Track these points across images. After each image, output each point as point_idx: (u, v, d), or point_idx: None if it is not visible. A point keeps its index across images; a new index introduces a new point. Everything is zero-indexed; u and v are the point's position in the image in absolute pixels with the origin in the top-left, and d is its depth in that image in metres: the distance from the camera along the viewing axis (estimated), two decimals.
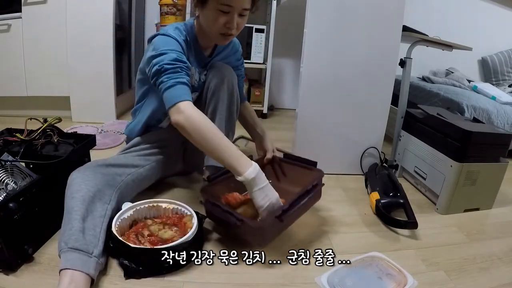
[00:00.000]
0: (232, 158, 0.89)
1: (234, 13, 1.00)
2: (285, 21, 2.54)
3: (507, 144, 1.32)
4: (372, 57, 1.48)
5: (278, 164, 1.28)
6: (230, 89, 1.16)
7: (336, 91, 1.51)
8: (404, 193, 1.28)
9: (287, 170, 1.27)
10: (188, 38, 1.10)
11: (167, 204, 1.05)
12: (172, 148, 1.29)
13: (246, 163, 0.89)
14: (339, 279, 0.81)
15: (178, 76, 0.96)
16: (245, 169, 0.88)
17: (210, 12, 1.01)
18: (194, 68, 1.14)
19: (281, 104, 2.93)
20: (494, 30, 2.79)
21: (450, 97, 1.98)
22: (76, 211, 0.84)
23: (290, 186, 1.16)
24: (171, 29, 1.06)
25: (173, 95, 0.94)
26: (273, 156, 1.27)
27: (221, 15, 1.00)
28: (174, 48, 1.00)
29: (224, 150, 0.89)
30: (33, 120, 1.10)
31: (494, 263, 1.04)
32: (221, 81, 1.14)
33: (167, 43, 1.01)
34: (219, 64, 1.20)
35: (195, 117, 0.91)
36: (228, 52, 1.29)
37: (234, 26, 1.03)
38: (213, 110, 1.17)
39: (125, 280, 0.84)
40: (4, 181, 0.90)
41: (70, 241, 0.79)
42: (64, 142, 1.11)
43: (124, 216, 0.98)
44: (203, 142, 0.90)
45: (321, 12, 1.41)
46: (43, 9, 1.88)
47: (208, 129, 0.90)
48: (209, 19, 1.03)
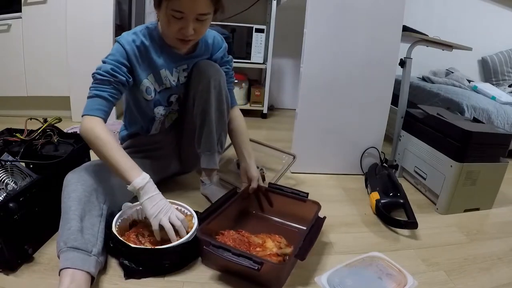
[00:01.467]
0: (123, 168, 0.89)
1: (188, 19, 0.93)
2: (285, 21, 2.54)
3: (507, 144, 1.32)
4: (372, 57, 1.48)
5: (263, 194, 1.18)
6: (217, 88, 1.11)
7: (336, 91, 1.51)
8: (404, 193, 1.28)
9: (275, 200, 1.17)
10: (148, 41, 1.04)
11: (180, 207, 1.04)
12: (165, 150, 1.28)
13: (136, 173, 0.89)
14: (339, 279, 0.81)
15: (102, 89, 0.95)
16: (133, 178, 0.88)
17: (164, 17, 0.94)
18: (165, 70, 1.09)
19: (281, 104, 2.93)
20: (494, 30, 2.80)
21: (450, 97, 1.98)
22: (73, 211, 0.84)
23: (278, 217, 1.14)
24: (128, 35, 1.02)
25: (87, 107, 0.94)
26: (259, 186, 1.17)
27: (174, 20, 0.93)
28: (116, 59, 0.98)
29: (117, 161, 0.89)
30: (33, 120, 1.10)
31: (494, 263, 1.04)
32: (207, 81, 1.10)
33: (113, 52, 1.00)
34: (203, 63, 1.13)
35: (93, 131, 0.90)
36: (212, 51, 1.18)
37: (189, 32, 0.95)
38: (202, 112, 1.13)
39: (125, 280, 0.84)
40: (4, 181, 0.90)
41: (69, 240, 0.79)
42: (64, 142, 1.11)
43: (124, 216, 0.98)
44: (98, 154, 0.91)
45: (321, 12, 1.41)
46: (43, 9, 1.88)
47: (103, 142, 0.89)
48: (163, 23, 0.97)
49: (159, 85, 1.11)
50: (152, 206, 0.88)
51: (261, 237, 0.99)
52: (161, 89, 1.12)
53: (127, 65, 1.00)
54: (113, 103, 0.97)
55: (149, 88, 1.08)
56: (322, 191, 1.45)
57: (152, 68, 1.07)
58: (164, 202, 0.91)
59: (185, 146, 1.30)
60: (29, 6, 1.87)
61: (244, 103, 2.54)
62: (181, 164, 1.36)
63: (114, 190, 0.98)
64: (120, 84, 0.98)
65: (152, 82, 1.08)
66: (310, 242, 0.89)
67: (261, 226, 1.08)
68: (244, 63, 2.40)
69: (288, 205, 1.13)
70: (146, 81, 1.07)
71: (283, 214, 1.15)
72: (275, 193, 1.16)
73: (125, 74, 0.99)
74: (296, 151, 1.49)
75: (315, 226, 0.98)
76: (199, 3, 0.91)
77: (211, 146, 1.18)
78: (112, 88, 0.96)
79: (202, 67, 1.12)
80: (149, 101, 1.11)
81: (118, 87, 0.97)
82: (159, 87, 1.11)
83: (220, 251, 0.82)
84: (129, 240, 0.90)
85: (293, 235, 1.03)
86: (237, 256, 0.81)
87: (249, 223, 1.12)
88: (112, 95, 0.96)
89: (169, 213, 0.90)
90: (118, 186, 0.98)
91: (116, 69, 0.97)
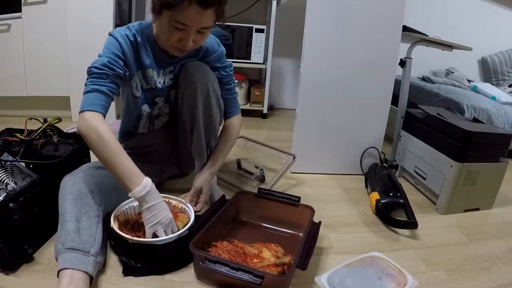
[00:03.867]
0: (123, 175, 0.86)
1: (190, 31, 0.90)
2: (285, 21, 2.54)
3: (507, 144, 1.32)
4: (372, 57, 1.48)
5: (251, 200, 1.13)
6: (204, 93, 1.06)
7: (336, 91, 1.51)
8: (404, 193, 1.28)
9: (265, 206, 1.12)
10: (140, 37, 1.01)
11: (177, 202, 1.06)
12: (161, 153, 1.26)
13: (137, 181, 0.86)
14: (339, 279, 0.81)
15: (99, 83, 0.90)
16: (134, 187, 0.85)
17: (164, 25, 0.90)
18: (152, 70, 1.06)
19: (281, 104, 2.93)
20: (494, 30, 2.80)
21: (450, 97, 1.98)
22: (69, 213, 0.84)
23: (270, 224, 1.10)
24: (121, 29, 0.99)
25: (85, 102, 0.89)
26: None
27: (175, 31, 0.90)
28: (112, 51, 0.94)
29: (116, 167, 0.86)
30: (33, 120, 1.10)
31: (494, 263, 1.04)
32: (194, 86, 1.05)
33: (108, 45, 0.96)
34: (191, 65, 1.07)
35: (96, 130, 0.85)
36: (205, 53, 1.11)
37: (189, 44, 0.92)
38: (191, 117, 1.10)
39: (123, 277, 0.85)
40: (4, 181, 0.90)
41: (66, 241, 0.79)
42: (64, 142, 1.11)
43: (133, 204, 0.99)
44: (99, 155, 0.87)
45: (321, 12, 1.41)
46: (43, 9, 1.88)
47: (106, 143, 0.85)
48: (163, 31, 0.92)
49: (146, 83, 1.08)
50: (151, 216, 0.87)
51: (257, 247, 0.93)
52: (147, 88, 1.09)
53: (122, 58, 0.97)
54: (112, 98, 0.93)
55: (138, 84, 1.06)
56: (322, 191, 1.45)
57: (140, 65, 1.04)
58: (163, 213, 0.88)
59: (181, 149, 1.28)
60: (29, 6, 1.87)
61: (244, 103, 2.54)
62: (178, 166, 1.35)
63: (110, 192, 0.97)
64: (118, 78, 0.94)
65: (140, 79, 1.06)
66: (309, 250, 0.87)
67: (254, 234, 1.05)
68: (244, 63, 2.40)
69: (280, 211, 1.09)
70: (136, 77, 1.05)
71: (275, 221, 1.10)
72: (266, 199, 1.11)
73: (122, 67, 0.95)
74: (296, 151, 1.49)
75: (312, 232, 0.95)
76: (205, 17, 0.88)
77: (201, 151, 1.15)
78: (110, 82, 0.92)
79: (190, 70, 1.06)
80: (137, 98, 1.08)
81: (116, 80, 0.93)
82: (146, 85, 1.08)
83: (218, 266, 0.78)
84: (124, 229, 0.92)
85: (288, 242, 1.00)
86: (235, 270, 0.77)
87: (241, 231, 1.08)
88: (111, 89, 0.92)
89: (165, 226, 0.88)
90: (114, 187, 0.97)
91: (113, 62, 0.93)
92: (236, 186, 1.37)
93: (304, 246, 0.87)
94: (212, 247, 0.91)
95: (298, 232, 1.06)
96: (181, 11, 0.84)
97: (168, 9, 0.86)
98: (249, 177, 1.42)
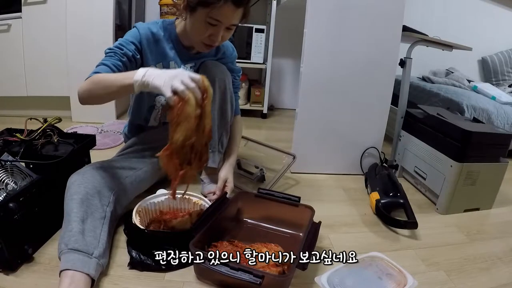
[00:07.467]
0: (122, 77, 0.86)
1: (221, 27, 0.98)
2: (285, 21, 2.53)
3: (507, 144, 1.32)
4: (372, 57, 1.48)
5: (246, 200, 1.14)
6: (221, 87, 1.14)
7: (336, 91, 1.51)
8: (404, 193, 1.28)
9: (265, 206, 1.11)
10: (162, 33, 1.10)
11: (197, 199, 1.09)
12: None
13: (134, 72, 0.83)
14: (339, 279, 0.81)
15: (106, 59, 0.98)
16: (132, 76, 0.82)
17: (197, 22, 0.99)
18: (174, 62, 1.13)
19: (281, 104, 2.93)
20: (494, 30, 2.80)
21: (450, 97, 1.98)
22: (75, 213, 0.84)
23: (270, 224, 1.09)
24: (145, 23, 1.09)
25: (90, 74, 0.93)
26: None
27: (208, 27, 0.98)
28: (127, 38, 1.04)
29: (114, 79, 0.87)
30: (33, 120, 1.10)
31: (494, 263, 1.04)
32: (212, 80, 1.08)
33: (127, 34, 1.06)
34: (210, 63, 1.17)
35: (92, 78, 0.89)
36: (222, 55, 1.24)
37: (218, 40, 1.01)
38: None
39: (128, 269, 0.87)
40: (4, 181, 0.90)
41: (70, 242, 0.79)
42: (64, 142, 1.11)
43: (154, 200, 1.04)
44: (99, 91, 0.89)
45: (321, 12, 1.41)
46: (43, 9, 1.88)
47: (100, 76, 0.90)
48: (195, 27, 1.01)
49: None
50: (159, 77, 0.79)
51: (257, 247, 0.93)
52: None
53: (137, 46, 1.05)
54: (113, 72, 0.96)
55: None
56: (322, 191, 1.45)
57: (163, 58, 1.11)
58: (171, 71, 0.82)
59: None
60: (29, 6, 1.87)
61: (244, 103, 2.54)
62: None
63: (118, 192, 0.97)
64: (125, 57, 1.00)
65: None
66: (309, 250, 0.86)
67: (254, 234, 1.05)
68: (244, 63, 2.40)
69: (280, 211, 1.09)
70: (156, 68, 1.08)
71: (275, 221, 1.10)
72: (266, 199, 1.11)
73: (132, 50, 1.03)
74: (296, 151, 1.49)
75: (312, 232, 0.95)
76: (236, 15, 0.97)
77: (214, 145, 1.19)
78: (117, 59, 0.98)
79: (209, 67, 1.15)
80: None
81: (123, 59, 1.00)
82: None
83: (218, 266, 0.79)
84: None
85: (288, 242, 1.00)
86: (235, 270, 0.77)
87: (241, 231, 1.08)
88: (115, 65, 0.98)
89: (179, 76, 0.79)
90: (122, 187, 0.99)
91: (124, 44, 1.02)
92: (236, 186, 1.37)
93: (304, 247, 0.87)
94: (212, 247, 0.91)
95: (298, 232, 1.06)
96: (217, 8, 0.93)
97: (205, 7, 0.94)
98: (249, 177, 1.42)
